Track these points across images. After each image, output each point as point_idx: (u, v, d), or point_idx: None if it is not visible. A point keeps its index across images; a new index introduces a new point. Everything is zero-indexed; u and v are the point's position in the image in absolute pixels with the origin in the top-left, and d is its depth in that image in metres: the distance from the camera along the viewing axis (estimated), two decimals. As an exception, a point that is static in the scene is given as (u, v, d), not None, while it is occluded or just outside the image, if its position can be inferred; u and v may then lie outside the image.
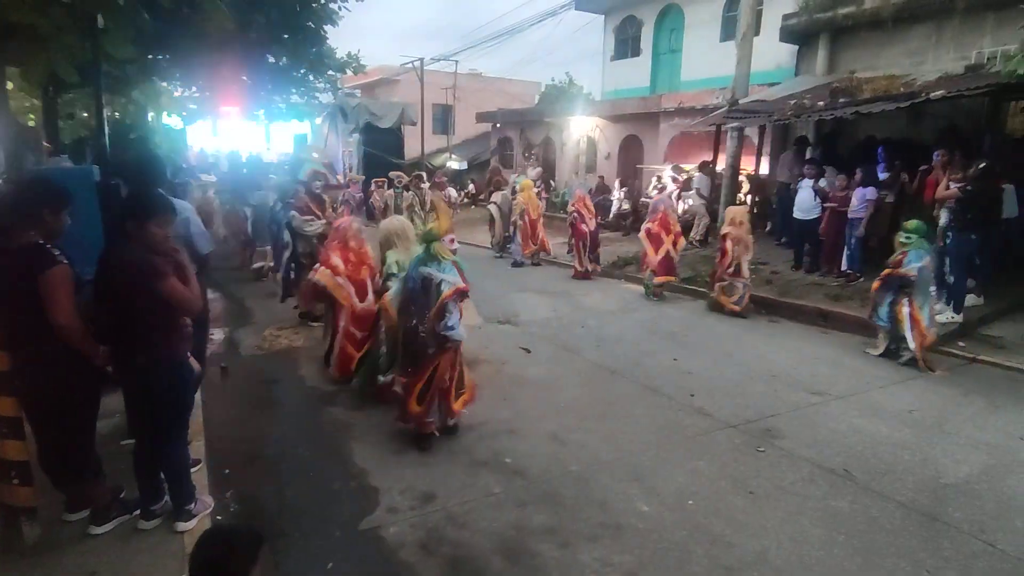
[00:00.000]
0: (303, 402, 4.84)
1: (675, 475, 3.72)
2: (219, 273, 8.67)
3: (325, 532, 3.12)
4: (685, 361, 5.83)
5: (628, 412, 4.65)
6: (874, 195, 7.81)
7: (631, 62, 18.26)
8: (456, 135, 27.12)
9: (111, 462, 3.16)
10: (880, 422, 4.50)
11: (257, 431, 4.31)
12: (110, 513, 2.96)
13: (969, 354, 5.99)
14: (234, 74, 10.53)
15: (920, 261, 5.72)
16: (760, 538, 3.09)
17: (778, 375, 5.48)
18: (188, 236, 3.87)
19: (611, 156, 17.27)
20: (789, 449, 4.07)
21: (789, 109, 9.24)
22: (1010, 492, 3.56)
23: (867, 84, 9.31)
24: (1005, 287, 7.47)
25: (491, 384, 5.18)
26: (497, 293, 8.64)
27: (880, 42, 10.32)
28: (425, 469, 3.73)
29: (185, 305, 2.79)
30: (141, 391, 2.80)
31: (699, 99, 13.78)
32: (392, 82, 26.78)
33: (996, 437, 4.29)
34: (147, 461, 2.98)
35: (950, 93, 7.29)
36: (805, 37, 11.47)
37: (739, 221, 7.72)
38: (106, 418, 3.46)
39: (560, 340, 6.48)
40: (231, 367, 5.51)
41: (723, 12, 15.23)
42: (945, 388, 5.22)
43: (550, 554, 2.96)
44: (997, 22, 8.99)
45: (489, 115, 22.07)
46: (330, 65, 11.92)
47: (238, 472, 3.71)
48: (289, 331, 6.54)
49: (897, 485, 3.62)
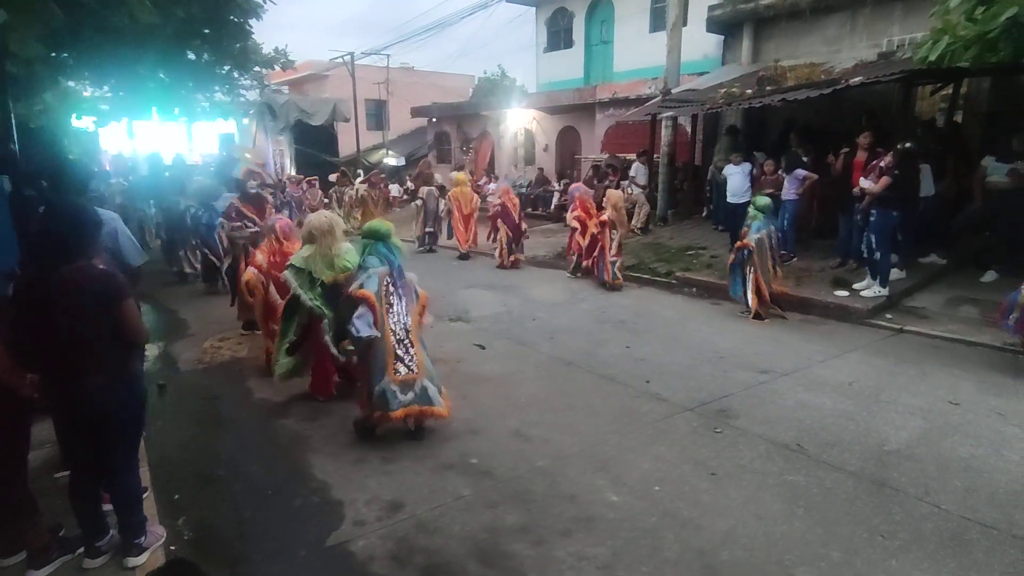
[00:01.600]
0: (253, 416, 4.62)
1: (639, 462, 3.77)
2: (146, 283, 8.16)
3: (290, 553, 2.98)
4: (637, 348, 5.94)
5: (587, 403, 4.69)
6: (802, 175, 8.20)
7: (564, 54, 18.40)
8: (392, 130, 26.64)
9: (46, 498, 2.91)
10: (824, 396, 4.73)
11: (205, 451, 4.08)
12: (50, 555, 2.71)
13: (896, 325, 6.38)
14: (150, 72, 9.90)
15: (758, 233, 6.74)
16: (726, 518, 3.18)
17: (725, 356, 5.66)
18: (116, 248, 3.59)
19: (549, 148, 17.38)
20: (744, 428, 4.21)
21: (720, 98, 9.54)
22: (947, 454, 3.81)
23: (790, 72, 9.72)
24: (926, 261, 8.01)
25: (448, 384, 5.03)
26: (444, 290, 8.52)
27: (799, 31, 10.83)
28: (389, 477, 3.63)
29: (137, 328, 2.65)
30: (96, 415, 2.58)
31: (632, 89, 14.05)
32: (322, 78, 25.96)
33: (929, 402, 4.59)
34: (88, 493, 2.75)
35: (868, 79, 7.71)
36: (730, 27, 11.89)
37: (619, 206, 8.52)
38: (36, 449, 3.17)
39: (513, 334, 6.47)
40: (169, 384, 5.20)
41: (651, 3, 15.55)
42: (878, 359, 5.53)
43: (525, 553, 2.94)
44: (905, 11, 9.60)
45: (424, 109, 21.75)
46: (256, 61, 11.43)
47: (189, 497, 3.50)
48: (231, 341, 6.23)
49: (846, 455, 3.80)
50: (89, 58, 8.88)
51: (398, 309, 3.94)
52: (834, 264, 8.01)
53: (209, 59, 10.43)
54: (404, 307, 3.97)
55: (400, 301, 3.96)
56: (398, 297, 3.96)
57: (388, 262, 3.95)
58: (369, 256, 3.99)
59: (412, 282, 4.10)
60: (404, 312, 3.96)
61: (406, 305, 3.98)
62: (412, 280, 4.10)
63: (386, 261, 3.95)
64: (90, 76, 10.70)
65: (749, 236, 6.76)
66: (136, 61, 9.16)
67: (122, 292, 2.58)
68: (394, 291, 3.95)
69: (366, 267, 3.96)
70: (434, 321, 6.89)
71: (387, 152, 24.30)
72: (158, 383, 5.14)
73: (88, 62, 9.18)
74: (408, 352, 3.93)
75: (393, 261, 3.97)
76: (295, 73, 22.53)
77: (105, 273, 2.60)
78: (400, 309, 3.95)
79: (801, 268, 8.14)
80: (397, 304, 3.95)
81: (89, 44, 7.88)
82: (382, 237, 4.03)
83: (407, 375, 3.90)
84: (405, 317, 3.96)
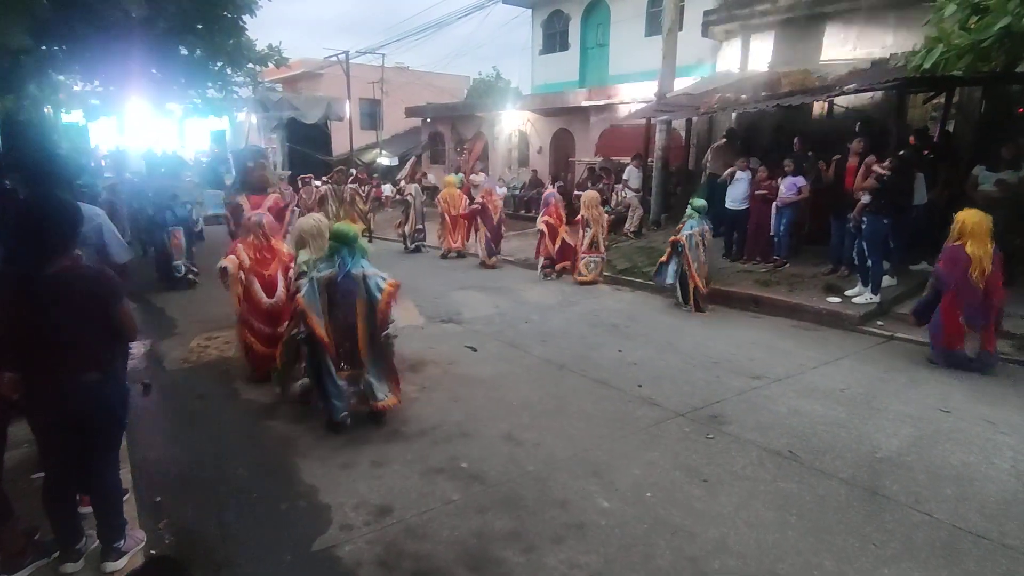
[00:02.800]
0: (239, 417, 4.54)
1: (631, 468, 3.73)
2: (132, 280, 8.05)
3: (275, 558, 2.91)
4: (629, 352, 5.91)
5: (579, 407, 4.65)
6: (803, 182, 8.21)
7: (559, 56, 18.42)
8: (385, 130, 26.53)
9: (21, 500, 2.83)
10: (816, 402, 4.71)
11: (190, 452, 4.00)
12: (24, 559, 2.63)
13: (887, 332, 6.39)
14: (142, 67, 9.77)
15: (691, 230, 7.29)
16: (718, 525, 3.15)
17: (719, 361, 5.64)
18: (102, 244, 3.53)
19: (543, 150, 17.37)
20: (736, 434, 4.18)
21: (715, 102, 9.56)
22: (938, 462, 3.80)
23: (785, 78, 9.76)
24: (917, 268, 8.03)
25: (440, 386, 5.05)
26: (437, 291, 8.48)
27: (794, 38, 10.87)
28: (378, 481, 3.57)
29: (131, 326, 2.62)
30: (84, 413, 2.53)
31: (627, 93, 14.06)
32: (316, 76, 25.84)
33: (919, 410, 4.58)
34: (64, 495, 2.68)
35: (862, 87, 7.74)
36: (725, 33, 11.91)
37: (594, 205, 8.88)
38: (11, 450, 3.09)
39: (505, 337, 6.42)
40: (155, 383, 5.10)
41: (647, 8, 15.61)
42: (869, 366, 5.53)
43: (515, 560, 2.89)
44: (898, 20, 9.65)
45: (418, 109, 21.70)
46: (249, 57, 11.30)
47: (171, 499, 3.42)
48: (219, 340, 6.14)
49: (838, 463, 3.78)
50: (79, 51, 8.75)
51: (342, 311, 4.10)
52: (826, 270, 8.02)
53: (202, 55, 10.29)
54: (348, 308, 4.10)
55: (345, 302, 4.09)
56: (342, 298, 4.08)
57: (339, 266, 4.07)
58: (324, 260, 4.17)
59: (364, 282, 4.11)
60: (348, 314, 4.11)
61: (351, 307, 4.10)
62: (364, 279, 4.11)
63: (337, 266, 4.07)
64: (80, 70, 10.54)
65: (682, 232, 7.34)
66: (127, 55, 9.03)
67: (116, 290, 2.56)
68: (338, 294, 4.07)
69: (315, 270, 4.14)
70: (426, 323, 6.93)
71: (381, 152, 24.21)
72: (143, 382, 5.05)
73: (79, 56, 9.05)
74: (352, 349, 4.16)
75: (344, 265, 4.07)
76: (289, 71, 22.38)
77: (98, 271, 2.58)
78: (343, 311, 4.10)
79: (793, 274, 8.14)
80: (343, 305, 4.09)
81: (79, 37, 7.77)
82: (347, 241, 4.12)
83: (351, 371, 4.18)
84: (352, 318, 4.12)
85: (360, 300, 4.10)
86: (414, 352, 5.75)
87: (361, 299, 4.11)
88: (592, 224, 8.78)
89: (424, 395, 4.85)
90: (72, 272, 2.47)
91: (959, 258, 5.19)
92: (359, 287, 4.10)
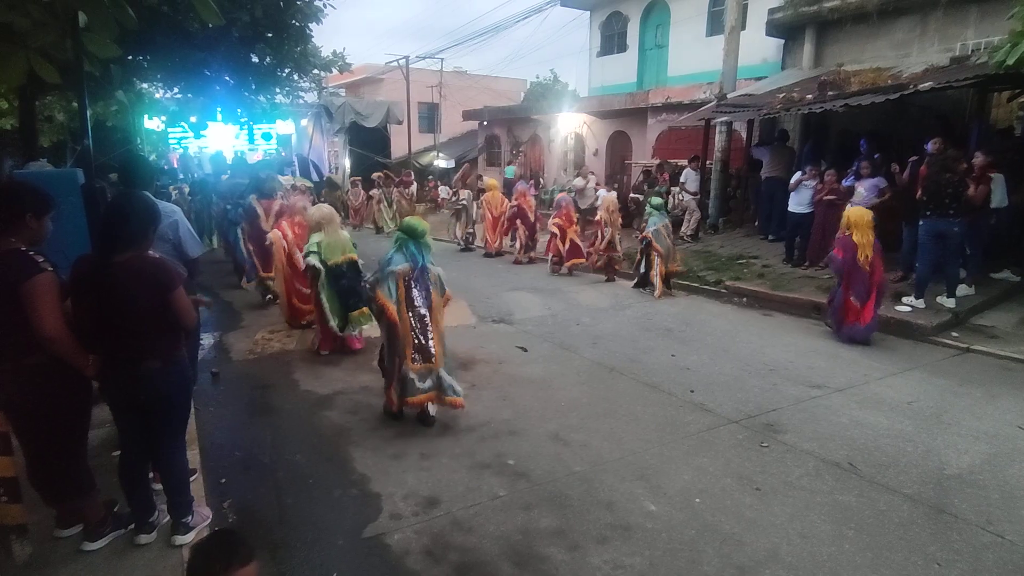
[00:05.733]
0: (298, 407, 4.74)
1: (680, 473, 3.68)
2: (205, 276, 8.52)
3: (327, 541, 3.04)
4: (682, 357, 5.80)
5: (629, 410, 4.61)
6: (884, 184, 7.87)
7: (617, 58, 18.25)
8: (443, 133, 27.00)
9: (103, 475, 3.05)
10: (880, 414, 4.50)
11: (252, 438, 4.21)
12: (104, 528, 2.85)
13: (963, 344, 6.02)
14: (217, 74, 10.34)
15: (655, 226, 8.24)
16: (770, 535, 3.06)
17: (776, 369, 5.47)
18: (177, 239, 3.77)
19: (599, 152, 17.26)
20: (792, 443, 4.05)
21: (778, 103, 9.26)
22: (1013, 482, 3.56)
23: (854, 77, 9.35)
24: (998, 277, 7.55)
25: (489, 384, 5.12)
26: (489, 292, 8.58)
27: (865, 35, 10.39)
28: (427, 473, 3.66)
29: (188, 314, 2.75)
30: (149, 397, 2.70)
31: (686, 94, 13.80)
32: (377, 81, 26.57)
33: (995, 427, 4.30)
34: (137, 472, 2.88)
35: (939, 84, 7.33)
36: (791, 31, 11.51)
37: (612, 208, 9.42)
38: (96, 428, 3.35)
39: (556, 338, 6.43)
40: (222, 373, 5.40)
41: (708, 7, 15.26)
42: (941, 379, 5.23)
43: (559, 558, 2.91)
44: (980, 14, 9.08)
45: (475, 113, 21.97)
46: (315, 64, 11.74)
47: (235, 481, 3.62)
48: (281, 334, 6.43)
49: (902, 478, 3.61)
50: (162, 60, 9.35)
51: (418, 304, 4.18)
52: (896, 277, 7.62)
53: (271, 62, 10.79)
54: (424, 302, 4.19)
55: (420, 297, 4.18)
56: (418, 292, 4.18)
57: (412, 260, 4.17)
58: (396, 253, 4.20)
59: (438, 279, 4.28)
60: (423, 307, 4.19)
61: (425, 300, 4.20)
62: (438, 277, 4.28)
63: (411, 259, 4.17)
64: (162, 78, 11.26)
65: (647, 229, 8.26)
66: (204, 64, 9.59)
67: (174, 280, 2.68)
68: (415, 287, 4.18)
69: (389, 263, 4.17)
70: (477, 322, 7.03)
71: (438, 154, 24.66)
72: (212, 371, 5.36)
73: (161, 64, 9.67)
74: (426, 343, 4.17)
75: (417, 260, 4.18)
76: (351, 76, 23.14)
77: (159, 261, 2.71)
78: (420, 304, 4.18)
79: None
80: (418, 299, 4.18)
81: (162, 47, 8.30)
82: (416, 236, 4.23)
83: (423, 365, 4.16)
84: (424, 311, 4.19)
85: (434, 293, 4.23)
86: (465, 350, 5.85)
87: (436, 293, 4.24)
88: (609, 226, 9.30)
89: (474, 392, 4.92)
90: (136, 261, 2.62)
91: (848, 246, 6.15)
92: (435, 283, 4.25)
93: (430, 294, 4.21)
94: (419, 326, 4.16)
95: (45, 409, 2.61)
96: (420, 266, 4.18)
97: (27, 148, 8.33)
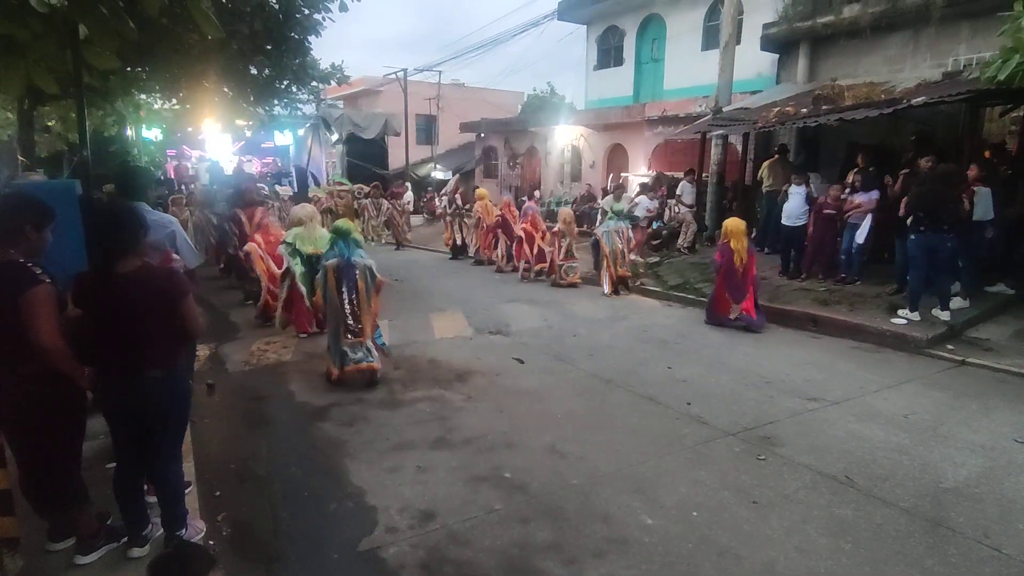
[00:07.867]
0: (294, 419, 4.72)
1: (677, 486, 3.67)
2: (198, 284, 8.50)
3: (322, 555, 3.01)
4: (679, 369, 5.81)
5: (625, 422, 4.60)
6: (877, 195, 7.94)
7: (614, 71, 18.39)
8: (440, 145, 27.12)
9: (96, 487, 3.03)
10: (877, 427, 4.51)
11: (247, 450, 4.18)
12: (96, 542, 2.82)
13: (958, 356, 6.04)
14: (215, 86, 10.38)
15: (607, 228, 9.15)
16: (767, 549, 3.05)
17: (772, 381, 5.47)
18: (174, 250, 3.76)
19: (596, 165, 17.36)
20: (789, 456, 4.05)
21: (773, 116, 9.34)
22: (1010, 495, 3.56)
23: (848, 91, 9.45)
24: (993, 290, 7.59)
25: (486, 396, 5.11)
26: (486, 303, 8.59)
27: (859, 50, 10.52)
28: (423, 487, 3.64)
29: (196, 325, 2.77)
30: (149, 408, 2.70)
31: (682, 107, 13.93)
32: (375, 93, 26.72)
33: (991, 439, 4.31)
34: (133, 484, 2.86)
35: (932, 99, 7.41)
36: (785, 46, 11.64)
37: (568, 221, 10.02)
38: (89, 440, 3.32)
39: (552, 350, 6.43)
40: (218, 384, 5.37)
41: (704, 22, 15.43)
42: (937, 392, 5.25)
43: (556, 572, 2.89)
44: (972, 31, 9.21)
45: (473, 125, 22.10)
46: (314, 76, 11.78)
47: (229, 494, 3.59)
48: (277, 345, 6.41)
49: (899, 491, 3.60)
50: (161, 72, 9.39)
51: (345, 289, 5.13)
52: (890, 290, 7.66)
53: (270, 74, 10.84)
54: (350, 287, 5.14)
55: (346, 283, 5.13)
56: (346, 280, 5.14)
57: (340, 255, 5.15)
58: (328, 250, 5.29)
59: (366, 269, 5.19)
60: (351, 291, 5.14)
61: (353, 285, 5.14)
62: (366, 268, 5.19)
63: (339, 254, 5.16)
64: (161, 89, 11.29)
65: (598, 229, 9.30)
66: (203, 75, 9.63)
67: (185, 289, 2.72)
68: (343, 277, 5.13)
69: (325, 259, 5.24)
70: (474, 334, 7.03)
71: (435, 166, 24.76)
72: (207, 382, 5.33)
73: (160, 76, 9.71)
74: (355, 322, 5.14)
75: (344, 254, 5.15)
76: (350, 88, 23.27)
77: (169, 271, 2.76)
78: (345, 289, 5.13)
79: (854, 293, 7.82)
80: (345, 286, 5.13)
81: (160, 58, 8.34)
82: (343, 235, 5.25)
83: (354, 339, 5.15)
84: (352, 295, 5.14)
85: (360, 281, 5.13)
86: (461, 362, 5.84)
87: (362, 280, 5.14)
88: (567, 235, 9.98)
89: (470, 405, 4.91)
90: (145, 271, 2.65)
91: (726, 251, 7.17)
92: (359, 272, 5.15)
93: (356, 282, 5.12)
94: (349, 308, 5.11)
95: (40, 419, 2.60)
96: (346, 259, 5.14)
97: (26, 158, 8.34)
